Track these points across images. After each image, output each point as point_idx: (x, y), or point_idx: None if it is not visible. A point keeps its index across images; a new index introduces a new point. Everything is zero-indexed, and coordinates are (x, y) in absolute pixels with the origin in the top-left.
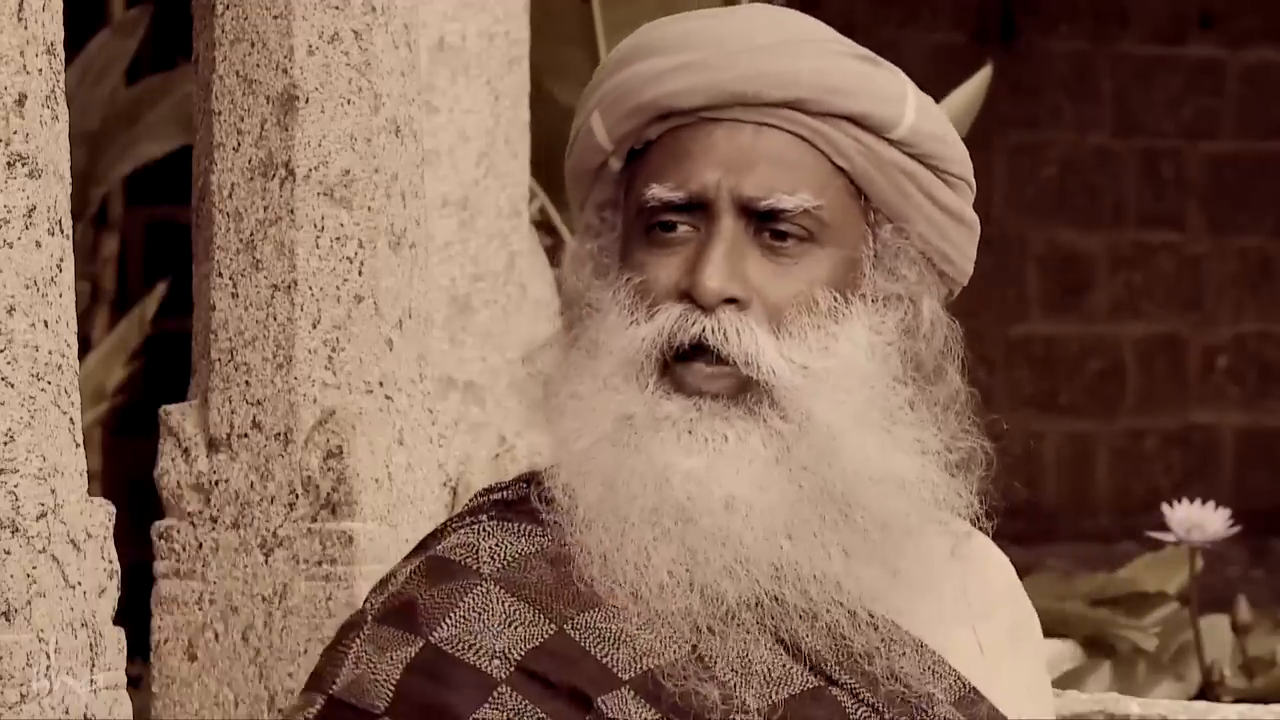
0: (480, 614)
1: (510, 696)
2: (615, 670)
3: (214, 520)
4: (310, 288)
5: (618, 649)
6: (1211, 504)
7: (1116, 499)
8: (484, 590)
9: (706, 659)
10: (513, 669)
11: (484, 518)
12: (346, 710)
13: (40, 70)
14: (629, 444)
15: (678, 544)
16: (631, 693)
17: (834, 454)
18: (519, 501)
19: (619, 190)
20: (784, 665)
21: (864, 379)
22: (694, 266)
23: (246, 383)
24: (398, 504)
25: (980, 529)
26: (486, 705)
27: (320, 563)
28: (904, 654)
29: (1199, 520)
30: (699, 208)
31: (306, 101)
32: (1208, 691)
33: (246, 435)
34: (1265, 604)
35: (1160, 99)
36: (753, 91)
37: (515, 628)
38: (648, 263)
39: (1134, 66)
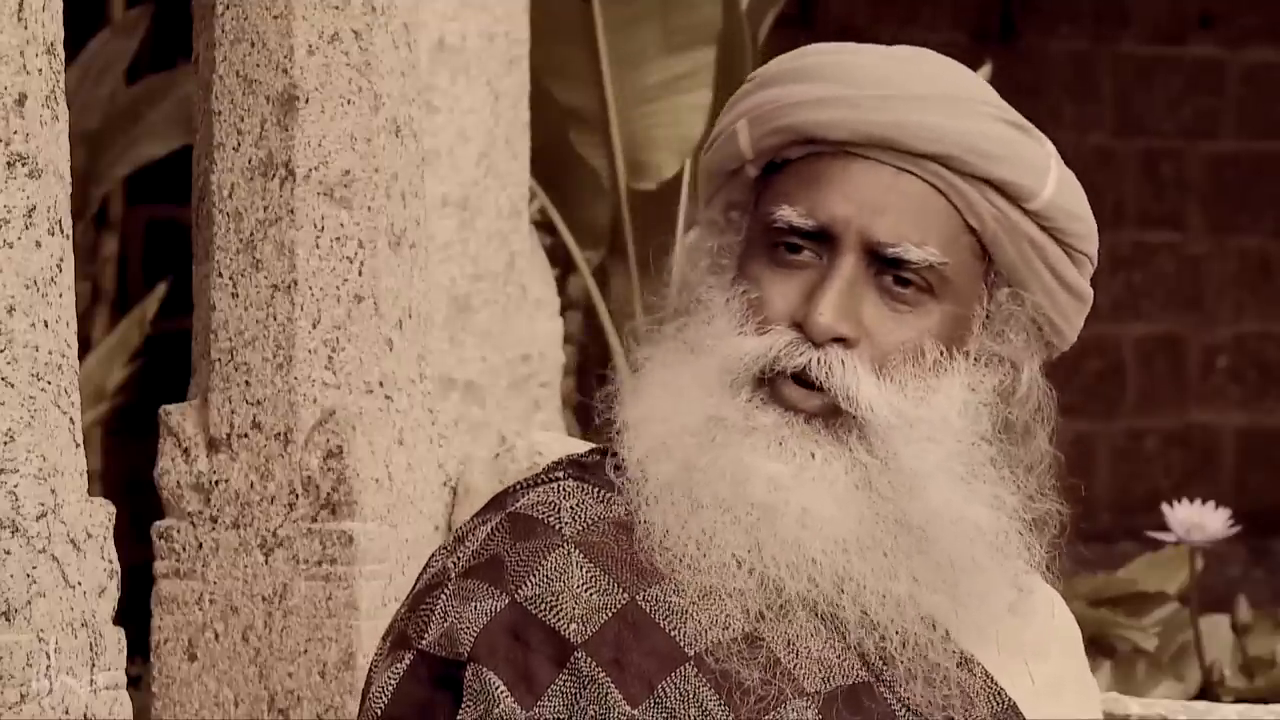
0: (561, 576)
1: (585, 663)
2: (682, 644)
3: (214, 520)
4: (310, 288)
5: (684, 623)
6: (1211, 504)
7: (1116, 499)
8: (565, 553)
9: (759, 642)
10: (589, 635)
11: (561, 476)
12: (437, 662)
13: (40, 70)
14: (715, 440)
15: (745, 534)
16: (694, 670)
17: (915, 491)
18: (594, 466)
19: (750, 196)
20: (839, 655)
21: (953, 433)
22: (810, 297)
23: (246, 383)
24: (398, 504)
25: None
26: (564, 673)
27: (320, 563)
28: (951, 663)
29: (1199, 520)
30: (825, 238)
31: (306, 101)
32: (1208, 691)
33: (246, 435)
34: (1265, 604)
35: (1160, 99)
36: (899, 138)
37: (592, 594)
38: (765, 280)
39: (1134, 66)
